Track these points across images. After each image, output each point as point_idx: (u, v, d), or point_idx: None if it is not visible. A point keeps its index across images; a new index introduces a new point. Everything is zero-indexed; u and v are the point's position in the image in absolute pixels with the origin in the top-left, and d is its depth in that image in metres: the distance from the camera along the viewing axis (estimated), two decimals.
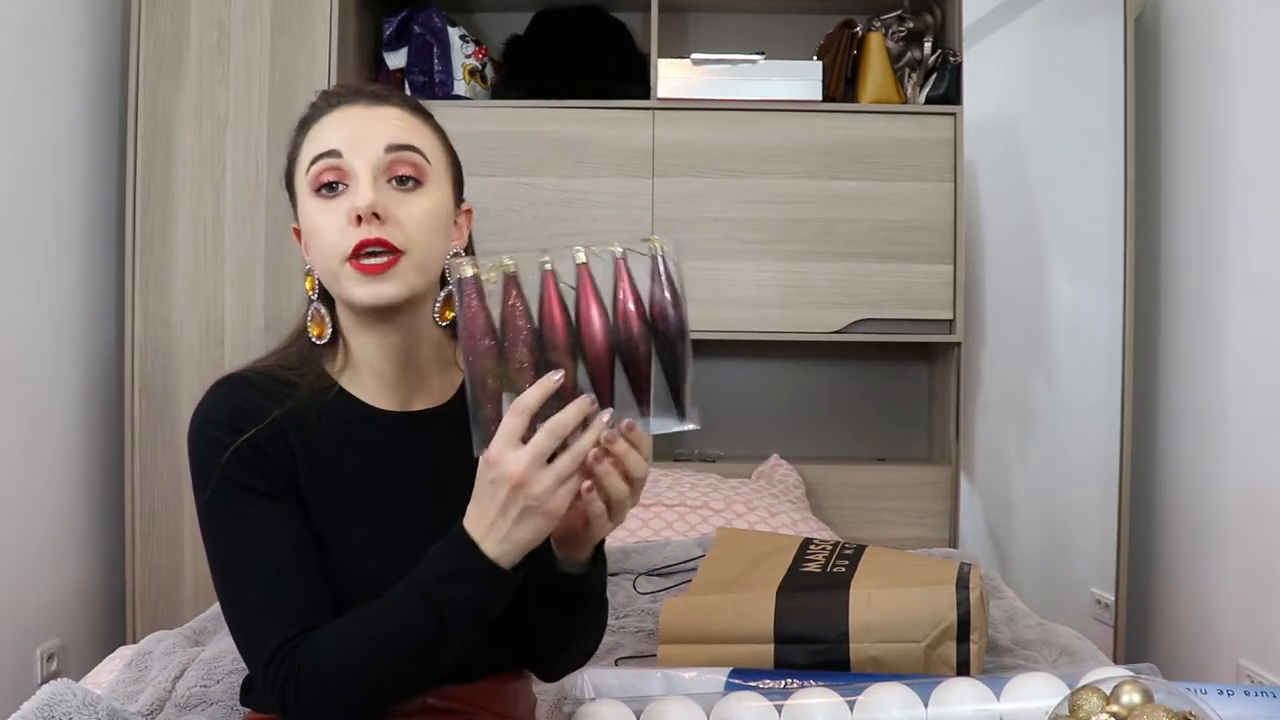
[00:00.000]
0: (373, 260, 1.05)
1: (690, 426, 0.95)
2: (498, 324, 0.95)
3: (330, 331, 1.15)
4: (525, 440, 0.94)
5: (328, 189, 1.08)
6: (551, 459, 0.95)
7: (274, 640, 1.03)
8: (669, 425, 0.96)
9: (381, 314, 1.10)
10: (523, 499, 0.95)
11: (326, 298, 1.14)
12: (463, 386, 1.18)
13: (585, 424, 0.95)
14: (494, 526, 0.97)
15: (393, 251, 1.05)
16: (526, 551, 0.99)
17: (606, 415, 0.95)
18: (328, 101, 1.13)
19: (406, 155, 1.08)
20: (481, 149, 2.68)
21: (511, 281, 0.95)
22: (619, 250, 0.93)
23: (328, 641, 1.02)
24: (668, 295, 0.94)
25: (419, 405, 1.17)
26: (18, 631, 2.36)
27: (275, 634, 1.03)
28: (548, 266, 0.94)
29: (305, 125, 1.13)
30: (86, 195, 2.64)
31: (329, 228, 1.07)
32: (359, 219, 1.04)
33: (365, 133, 1.08)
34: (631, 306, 0.94)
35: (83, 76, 2.61)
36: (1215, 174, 2.52)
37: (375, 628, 1.01)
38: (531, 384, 0.94)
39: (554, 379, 0.94)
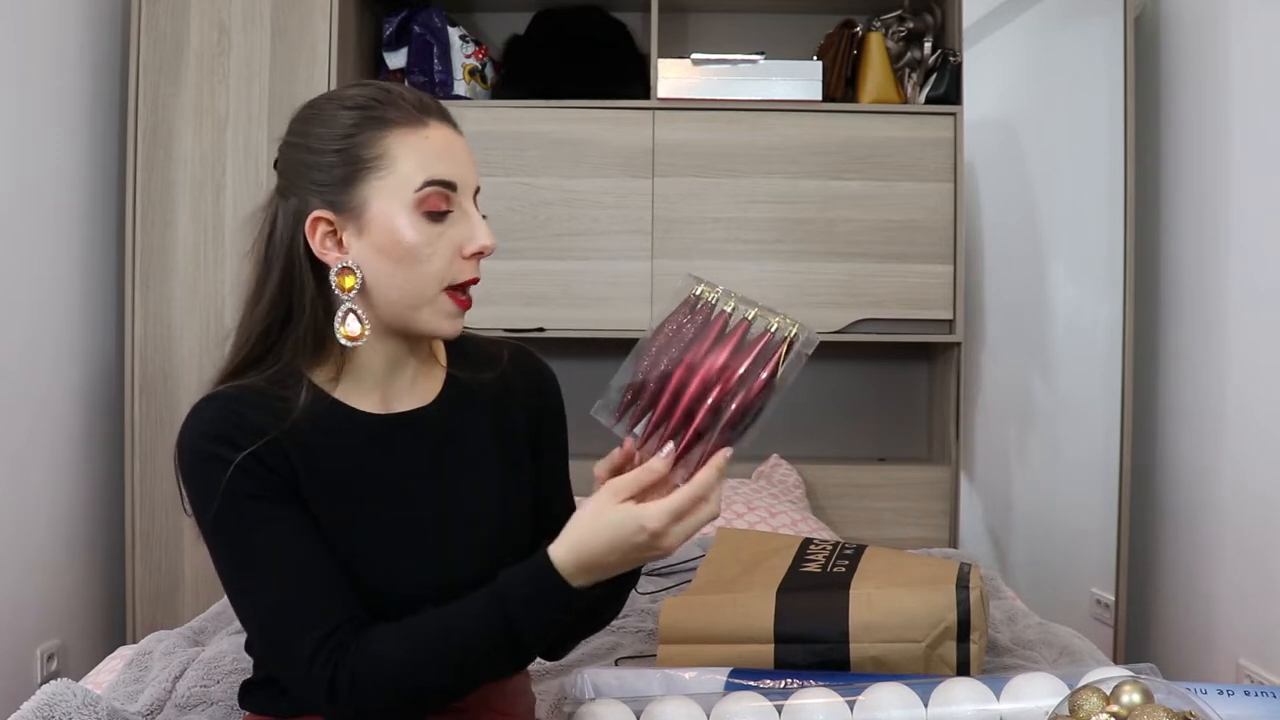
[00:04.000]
0: (466, 296, 1.11)
1: (679, 480, 1.04)
2: (673, 331, 1.08)
3: (368, 333, 1.10)
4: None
5: (439, 215, 1.09)
6: None
7: (314, 635, 1.03)
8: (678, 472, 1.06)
9: (423, 336, 1.15)
10: (651, 546, 1.01)
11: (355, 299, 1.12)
12: (445, 385, 1.19)
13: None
14: (604, 566, 1.01)
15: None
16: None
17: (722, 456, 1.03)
18: (416, 109, 1.10)
19: (478, 197, 1.14)
20: (481, 149, 2.66)
21: (705, 309, 1.07)
22: (774, 325, 1.04)
23: (391, 641, 1.03)
24: (769, 377, 1.03)
25: (404, 406, 1.17)
26: (18, 631, 2.36)
27: (313, 629, 1.03)
28: (727, 309, 1.07)
29: (386, 124, 1.08)
30: (86, 195, 2.64)
31: (438, 255, 1.08)
32: (475, 255, 1.10)
33: (468, 168, 1.12)
34: (740, 369, 1.04)
35: (83, 76, 2.61)
36: (1215, 174, 2.52)
37: (446, 638, 1.03)
38: (653, 395, 1.05)
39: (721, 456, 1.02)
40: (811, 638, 1.55)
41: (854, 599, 1.57)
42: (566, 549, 1.01)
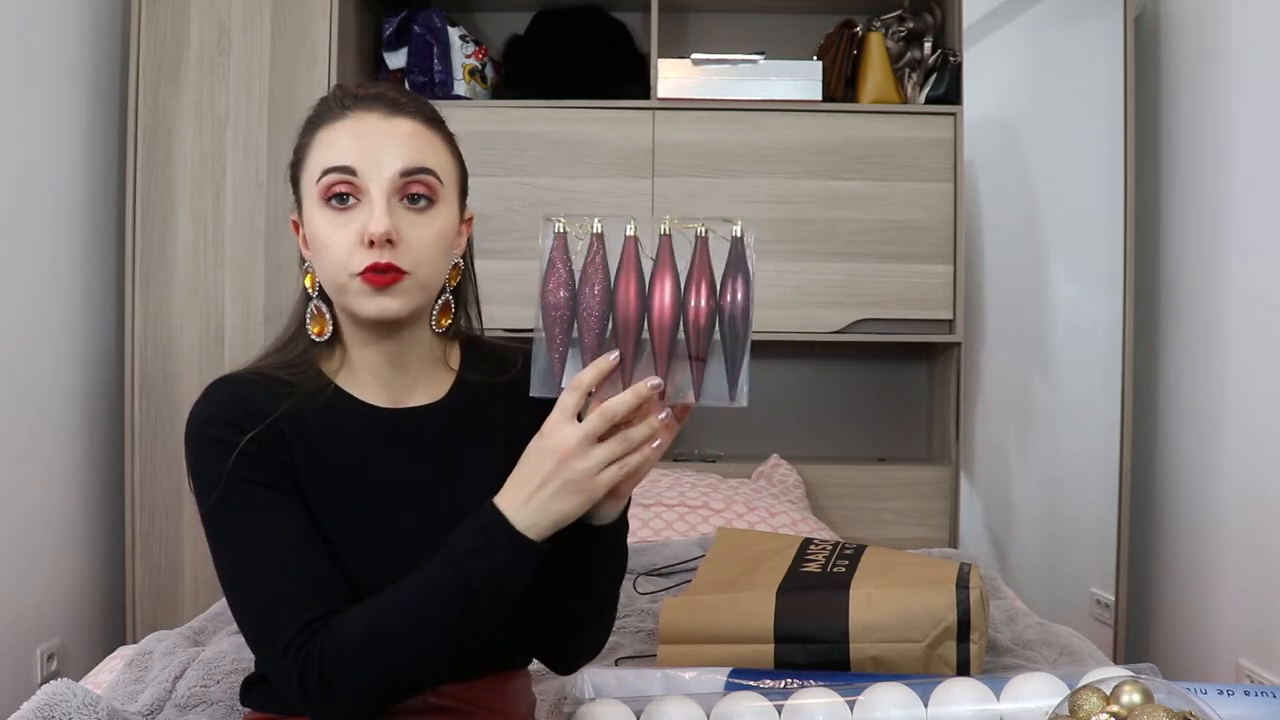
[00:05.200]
0: (380, 274, 1.07)
1: (739, 404, 1.00)
2: (577, 279, 1.00)
3: (331, 329, 1.16)
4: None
5: (338, 200, 1.08)
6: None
7: (291, 626, 1.02)
8: (719, 400, 1.00)
9: (381, 324, 1.12)
10: (566, 473, 0.98)
11: (325, 295, 1.15)
12: (454, 385, 1.19)
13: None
14: (532, 496, 1.00)
15: (400, 271, 1.08)
16: (558, 526, 1.01)
17: (663, 413, 0.99)
18: (341, 104, 1.12)
19: (420, 178, 1.09)
20: (481, 149, 2.68)
21: (597, 241, 1.00)
22: (702, 229, 1.00)
23: (356, 619, 1.02)
24: (739, 277, 1.00)
25: (413, 402, 1.18)
26: (18, 631, 2.36)
27: (292, 619, 1.03)
28: (630, 233, 1.00)
29: (316, 124, 1.13)
30: (86, 195, 2.64)
31: (340, 243, 1.08)
32: (371, 242, 1.06)
33: (381, 150, 1.08)
34: (704, 283, 1.00)
35: (83, 76, 2.61)
36: (1215, 174, 2.52)
37: (406, 601, 1.02)
38: (597, 337, 0.99)
39: (610, 359, 0.99)
40: (811, 638, 1.55)
41: (854, 599, 1.57)
42: (506, 484, 1.02)
